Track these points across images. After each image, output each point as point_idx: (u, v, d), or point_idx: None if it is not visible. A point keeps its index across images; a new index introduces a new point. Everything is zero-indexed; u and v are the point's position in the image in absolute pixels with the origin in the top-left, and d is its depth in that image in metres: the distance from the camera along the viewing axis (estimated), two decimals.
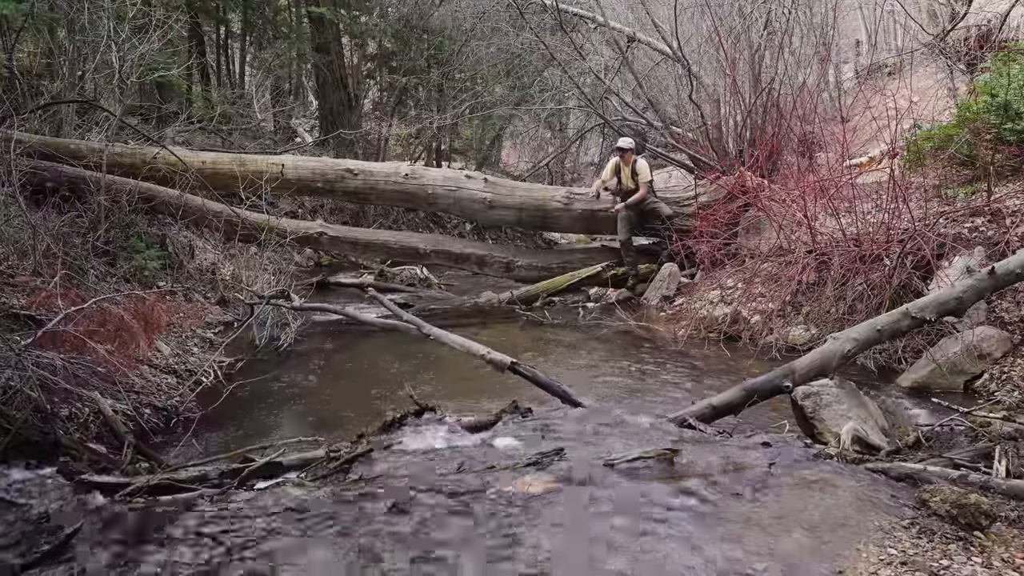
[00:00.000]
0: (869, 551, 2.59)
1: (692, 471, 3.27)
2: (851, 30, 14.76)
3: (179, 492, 3.34)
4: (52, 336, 4.19)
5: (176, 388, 5.17)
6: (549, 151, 17.55)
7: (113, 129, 7.68)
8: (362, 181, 8.92)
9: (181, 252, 7.79)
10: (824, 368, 4.20)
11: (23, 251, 5.67)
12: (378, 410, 4.82)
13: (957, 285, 4.58)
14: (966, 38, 11.13)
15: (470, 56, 14.83)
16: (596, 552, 2.64)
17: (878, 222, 6.37)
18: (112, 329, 4.60)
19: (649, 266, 8.79)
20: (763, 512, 2.91)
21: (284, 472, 3.59)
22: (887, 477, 3.34)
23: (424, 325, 5.55)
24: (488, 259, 9.23)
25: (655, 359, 6.36)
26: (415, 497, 3.05)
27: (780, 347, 6.16)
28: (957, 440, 4.04)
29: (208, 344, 6.27)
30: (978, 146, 6.75)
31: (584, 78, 12.62)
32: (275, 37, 15.36)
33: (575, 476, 3.22)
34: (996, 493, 3.11)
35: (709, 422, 4.03)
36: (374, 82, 16.54)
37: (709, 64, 10.20)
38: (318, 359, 6.48)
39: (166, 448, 4.30)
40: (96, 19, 7.91)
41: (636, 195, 8.58)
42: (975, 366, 5.28)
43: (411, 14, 14.91)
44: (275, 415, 5.08)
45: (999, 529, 2.79)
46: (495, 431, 3.97)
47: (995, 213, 6.19)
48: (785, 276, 6.69)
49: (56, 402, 4.08)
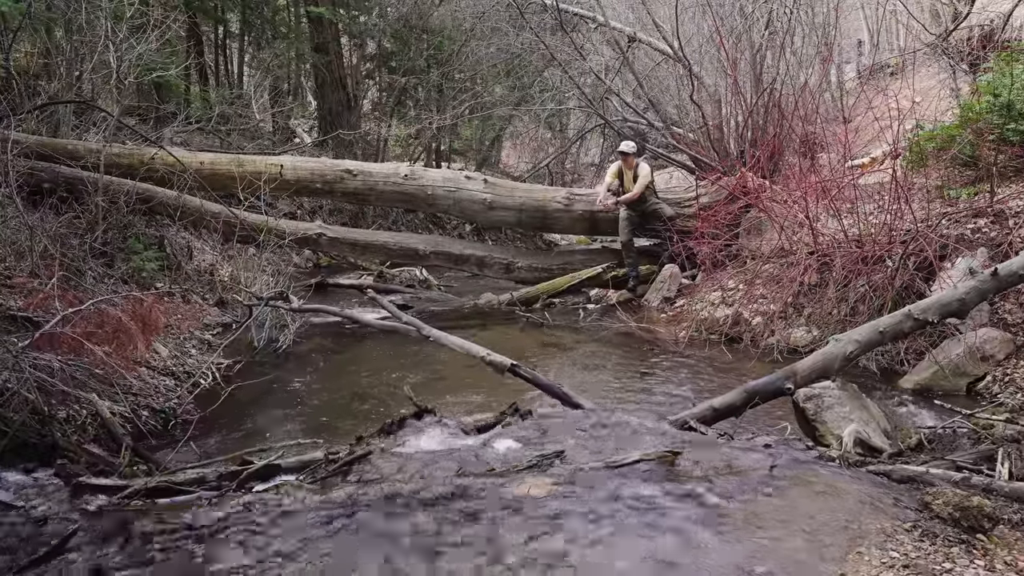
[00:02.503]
0: (871, 554, 2.57)
1: (693, 473, 3.25)
2: (853, 30, 14.77)
3: (177, 495, 3.34)
4: (49, 338, 4.18)
5: (174, 390, 5.15)
6: (549, 152, 17.56)
7: (111, 129, 7.67)
8: (361, 182, 8.90)
9: (179, 253, 7.77)
10: (826, 370, 4.17)
11: (20, 252, 5.65)
12: (377, 412, 4.83)
13: (960, 286, 4.55)
14: (969, 38, 11.11)
15: (470, 56, 14.82)
16: (597, 555, 2.62)
17: (880, 223, 6.35)
18: (110, 331, 4.59)
19: (650, 267, 8.76)
20: (764, 514, 2.89)
21: (283, 474, 3.58)
22: (889, 479, 3.33)
23: (423, 327, 5.52)
24: (488, 260, 9.21)
25: (656, 361, 6.34)
26: (414, 500, 3.03)
27: (782, 349, 6.14)
28: (960, 442, 4.03)
29: (206, 346, 6.26)
30: (981, 147, 6.73)
31: (584, 78, 12.58)
32: (274, 37, 15.36)
33: (575, 479, 3.19)
34: (999, 496, 3.10)
35: (710, 424, 4.00)
36: (373, 82, 16.54)
37: (710, 64, 10.18)
38: (317, 361, 6.46)
39: (164, 450, 4.29)
40: (94, 19, 7.90)
41: (631, 192, 8.52)
42: (978, 368, 5.26)
43: (410, 14, 14.90)
44: (273, 417, 5.05)
45: (1002, 532, 2.77)
46: (495, 433, 3.95)
47: (998, 214, 6.18)
48: (787, 277, 6.67)
49: (53, 404, 4.07)
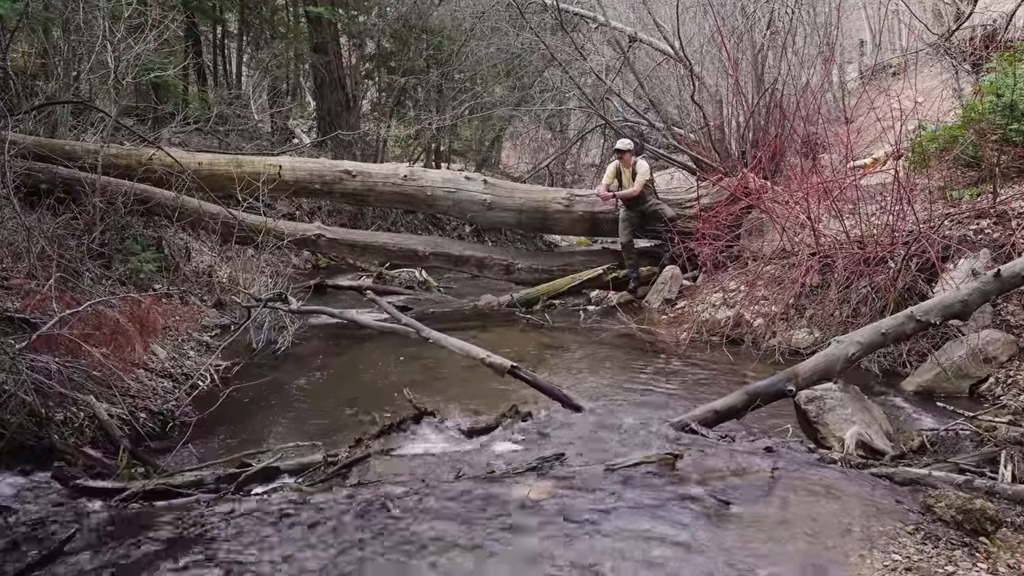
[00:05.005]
0: (873, 557, 2.55)
1: (694, 476, 3.23)
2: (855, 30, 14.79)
3: (175, 497, 3.32)
4: (47, 339, 4.18)
5: (172, 392, 5.13)
6: (549, 152, 17.54)
7: (108, 130, 7.66)
8: (360, 182, 8.87)
9: (177, 254, 7.75)
10: (828, 372, 4.15)
11: (17, 253, 5.64)
12: (377, 414, 4.80)
13: (962, 288, 4.52)
14: (971, 38, 11.08)
15: (469, 56, 14.80)
16: (597, 558, 2.59)
17: (882, 224, 6.33)
18: (107, 332, 4.58)
19: (651, 268, 8.73)
20: (766, 517, 2.87)
21: (281, 477, 3.57)
22: (891, 482, 3.30)
23: (423, 328, 5.49)
24: (488, 261, 9.18)
25: (656, 362, 6.31)
26: (413, 503, 3.00)
27: (783, 351, 6.11)
28: (962, 445, 4.00)
29: (205, 347, 6.24)
30: (983, 147, 6.72)
31: (585, 78, 12.56)
32: (272, 37, 15.35)
33: (576, 481, 3.17)
34: (1002, 498, 3.08)
35: (711, 426, 3.98)
36: (372, 82, 16.53)
37: (711, 64, 10.15)
38: (316, 362, 6.43)
39: (162, 453, 4.27)
40: (91, 19, 7.89)
41: (630, 189, 8.47)
42: (980, 370, 5.25)
43: (410, 14, 14.88)
44: (272, 419, 5.03)
45: (1005, 535, 2.75)
46: (495, 435, 3.94)
47: (1001, 215, 6.17)
48: (788, 279, 6.65)
49: (51, 406, 4.06)
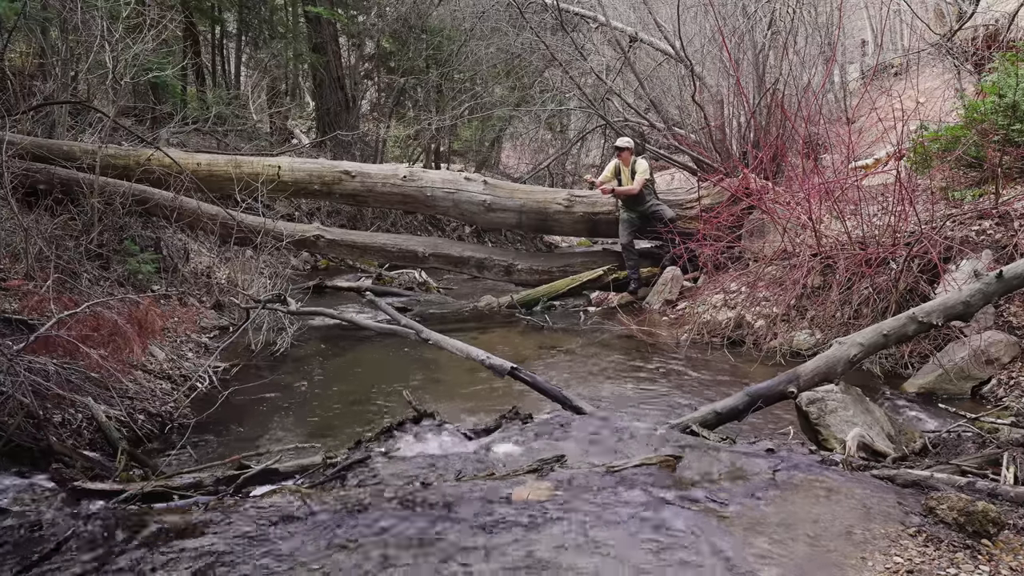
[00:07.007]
0: (875, 559, 2.54)
1: (695, 478, 3.21)
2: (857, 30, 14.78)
3: (173, 499, 3.30)
4: (45, 341, 4.16)
5: (171, 394, 5.12)
6: (550, 153, 17.50)
7: (107, 130, 7.64)
8: (360, 183, 8.86)
9: (176, 255, 7.74)
10: (829, 373, 4.14)
11: (15, 254, 5.64)
12: (376, 416, 4.79)
13: (964, 289, 4.51)
14: (973, 38, 11.08)
15: (469, 56, 14.79)
16: (597, 561, 2.58)
17: (884, 225, 6.32)
18: (106, 334, 4.56)
19: (651, 270, 8.72)
20: (767, 519, 2.86)
21: (281, 479, 3.56)
22: (893, 484, 3.29)
23: (422, 329, 5.48)
24: (488, 262, 9.17)
25: (657, 364, 6.30)
26: (412, 505, 2.99)
27: (784, 352, 6.10)
28: (964, 446, 3.99)
29: (203, 349, 6.23)
30: (986, 148, 6.70)
31: (585, 79, 12.54)
32: (271, 37, 15.36)
33: (576, 483, 3.15)
34: (1004, 500, 3.06)
35: (712, 428, 3.97)
36: (372, 82, 16.54)
37: (712, 64, 10.15)
38: (315, 364, 6.42)
39: (161, 455, 4.27)
40: (89, 19, 7.86)
41: (629, 187, 8.45)
42: (982, 371, 5.23)
43: (409, 13, 14.89)
44: (271, 421, 5.01)
45: (1007, 537, 2.74)
46: (495, 437, 3.92)
47: (1003, 216, 6.16)
48: (790, 280, 6.63)
49: (49, 408, 4.05)
